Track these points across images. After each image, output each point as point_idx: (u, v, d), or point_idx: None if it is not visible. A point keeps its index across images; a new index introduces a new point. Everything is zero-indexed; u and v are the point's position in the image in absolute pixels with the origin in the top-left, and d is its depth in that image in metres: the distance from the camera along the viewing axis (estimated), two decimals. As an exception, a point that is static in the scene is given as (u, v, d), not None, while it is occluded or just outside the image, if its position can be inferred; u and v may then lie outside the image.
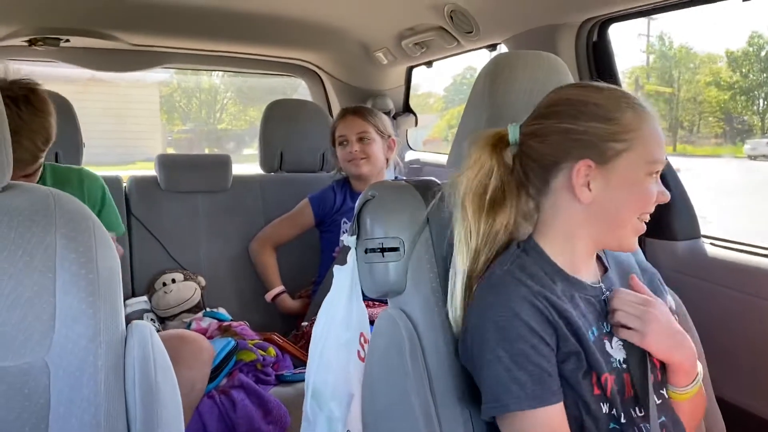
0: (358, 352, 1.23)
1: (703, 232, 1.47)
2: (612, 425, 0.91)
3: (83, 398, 0.87)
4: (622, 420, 0.91)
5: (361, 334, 1.24)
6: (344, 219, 2.07)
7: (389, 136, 2.10)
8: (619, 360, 0.94)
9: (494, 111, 1.10)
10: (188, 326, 1.82)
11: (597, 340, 0.93)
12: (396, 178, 2.15)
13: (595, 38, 1.58)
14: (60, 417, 0.86)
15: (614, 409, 0.90)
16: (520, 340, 0.88)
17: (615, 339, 0.96)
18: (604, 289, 0.98)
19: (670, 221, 1.49)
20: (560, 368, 0.90)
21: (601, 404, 0.91)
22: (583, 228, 0.95)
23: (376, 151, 2.05)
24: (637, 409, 0.93)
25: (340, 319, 1.23)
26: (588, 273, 0.98)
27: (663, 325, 0.93)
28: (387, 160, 2.10)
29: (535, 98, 1.10)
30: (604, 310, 0.97)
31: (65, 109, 1.82)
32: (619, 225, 0.94)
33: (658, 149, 0.93)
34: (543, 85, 1.12)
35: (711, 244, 1.43)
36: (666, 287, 1.07)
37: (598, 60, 1.59)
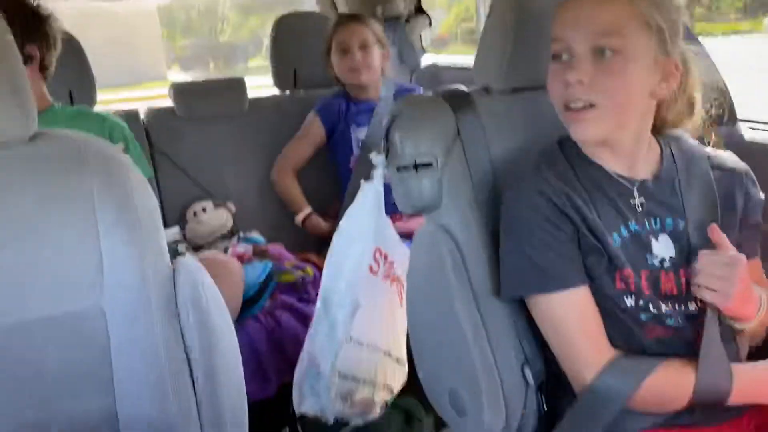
0: (370, 266, 1.25)
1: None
2: (643, 316, 0.93)
3: (141, 338, 0.90)
4: (653, 311, 0.93)
5: (377, 249, 1.26)
6: (352, 126, 2.05)
7: (384, 45, 2.06)
8: (663, 258, 0.95)
9: (522, 7, 1.05)
10: (225, 252, 1.84)
11: (634, 236, 0.94)
12: (397, 87, 2.09)
13: None
14: (122, 357, 0.90)
15: (640, 302, 0.93)
16: (539, 230, 0.92)
17: (664, 237, 0.96)
18: (634, 191, 0.96)
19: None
20: (584, 260, 0.93)
21: (624, 297, 0.93)
22: None
23: (375, 60, 2.01)
24: (678, 305, 0.95)
25: (357, 231, 1.25)
26: (623, 166, 0.97)
27: (744, 286, 0.89)
28: (382, 70, 2.06)
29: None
30: (646, 207, 0.96)
31: (72, 44, 1.77)
32: (559, 116, 0.95)
33: (555, 26, 0.92)
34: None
35: (750, 128, 1.39)
36: (756, 183, 1.03)
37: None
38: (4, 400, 0.87)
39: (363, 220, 1.25)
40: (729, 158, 1.04)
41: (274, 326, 1.54)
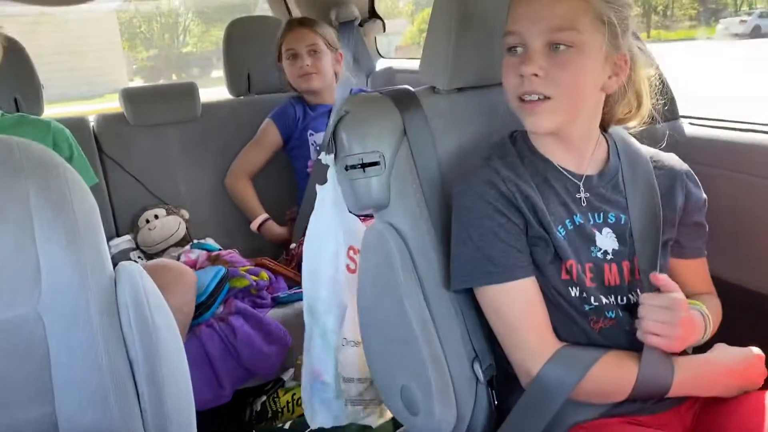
0: (348, 265, 1.24)
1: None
2: (587, 307, 0.96)
3: (81, 344, 0.88)
4: (595, 303, 0.95)
5: (350, 248, 1.25)
6: (309, 131, 2.04)
7: (336, 49, 2.05)
8: (605, 250, 0.97)
9: (464, 10, 1.06)
10: (177, 259, 1.81)
11: (579, 228, 0.97)
12: (351, 91, 2.10)
13: None
14: (61, 365, 0.88)
15: (584, 293, 0.95)
16: (486, 219, 0.94)
17: (608, 230, 0.99)
18: (580, 185, 0.98)
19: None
20: (531, 250, 0.95)
21: (569, 288, 0.95)
22: None
23: (326, 64, 2.01)
24: (620, 297, 0.98)
25: (327, 234, 1.24)
26: (571, 161, 0.99)
27: (687, 328, 0.91)
28: (336, 74, 2.06)
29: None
30: (590, 201, 0.98)
31: (16, 50, 1.73)
32: (512, 108, 0.97)
33: (510, 20, 0.94)
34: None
35: (690, 123, 1.43)
36: (698, 184, 1.06)
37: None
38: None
39: (329, 223, 1.23)
40: (670, 158, 1.07)
41: (228, 332, 1.52)
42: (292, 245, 1.94)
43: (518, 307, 0.94)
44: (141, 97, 2.14)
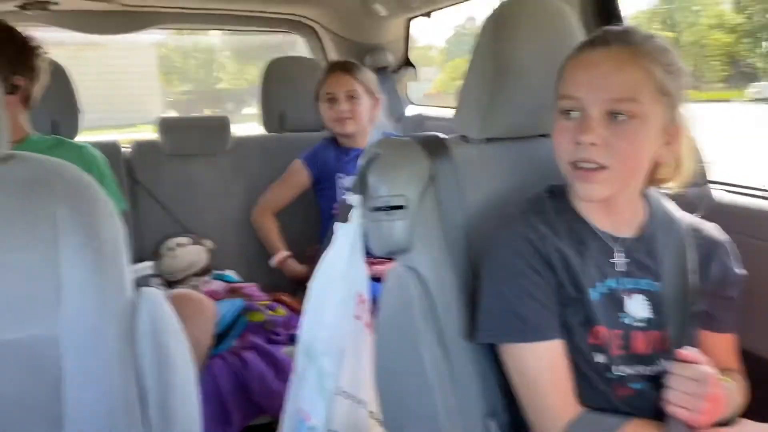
0: (354, 311, 1.22)
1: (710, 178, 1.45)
2: (612, 375, 0.93)
3: (95, 368, 0.87)
4: (617, 372, 0.92)
5: (359, 294, 1.23)
6: (339, 174, 2.05)
7: (375, 95, 2.08)
8: (636, 317, 0.95)
9: (500, 62, 1.07)
10: (197, 289, 1.82)
11: (611, 293, 0.94)
12: (384, 134, 2.12)
13: (601, -17, 1.53)
14: (73, 388, 0.87)
15: (610, 360, 0.92)
16: (521, 276, 0.91)
17: (639, 297, 0.96)
18: (614, 249, 0.96)
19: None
20: (561, 311, 0.93)
21: (596, 353, 0.93)
22: None
23: (362, 110, 2.03)
24: (647, 366, 0.95)
25: (337, 276, 1.22)
26: (610, 224, 0.97)
27: (715, 404, 0.87)
28: (372, 118, 2.08)
29: (542, 47, 1.07)
30: (626, 266, 0.96)
31: (59, 74, 1.78)
32: (562, 170, 0.95)
33: (564, 86, 0.93)
34: (550, 33, 1.09)
35: (720, 189, 1.41)
36: (738, 257, 1.02)
37: (604, 6, 1.54)
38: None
39: (343, 264, 1.22)
40: (710, 228, 1.03)
41: (240, 367, 1.50)
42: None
43: (544, 368, 0.91)
44: (177, 127, 2.19)
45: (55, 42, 1.68)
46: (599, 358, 0.93)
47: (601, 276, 0.95)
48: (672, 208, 1.05)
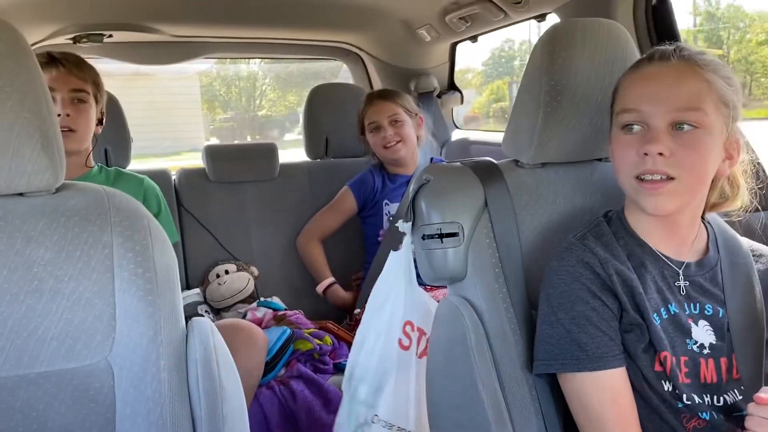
0: (400, 340, 1.20)
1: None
2: (679, 404, 0.89)
3: (148, 398, 0.87)
4: (686, 401, 0.88)
5: (407, 322, 1.21)
6: (386, 201, 2.06)
7: (416, 114, 2.08)
8: (702, 344, 0.91)
9: (554, 85, 1.04)
10: (243, 316, 1.82)
11: (674, 318, 0.91)
12: (432, 159, 2.10)
13: (654, 1, 1.49)
14: (126, 418, 0.86)
15: (677, 388, 0.89)
16: (580, 303, 0.89)
17: (704, 323, 0.93)
18: (680, 273, 0.93)
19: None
20: (623, 337, 0.90)
21: (662, 381, 0.89)
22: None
23: (409, 132, 2.03)
24: (713, 397, 0.90)
25: (386, 303, 1.20)
26: (671, 248, 0.95)
27: None
28: (418, 138, 2.08)
29: (597, 68, 1.04)
30: (688, 290, 0.93)
31: (112, 104, 1.82)
32: (623, 187, 0.93)
33: (625, 100, 0.91)
34: (604, 53, 1.06)
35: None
36: None
37: (659, 24, 1.50)
38: (2, 455, 0.84)
39: (390, 291, 1.19)
40: None
41: (288, 396, 1.48)
42: (356, 311, 1.92)
43: (605, 398, 0.87)
44: (223, 155, 2.21)
45: (107, 72, 1.72)
46: (666, 386, 0.89)
47: (664, 301, 0.92)
48: (733, 233, 1.02)
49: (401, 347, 1.18)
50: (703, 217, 1.00)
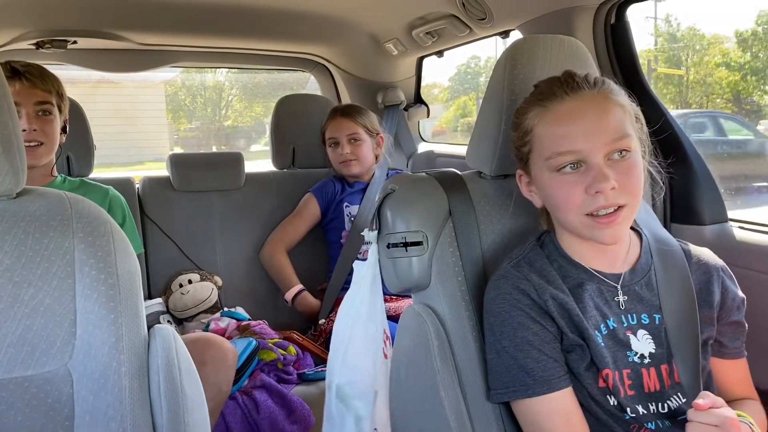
0: (383, 350, 1.20)
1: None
2: (627, 417, 0.91)
3: (108, 406, 0.85)
4: (631, 414, 0.90)
5: (384, 331, 1.21)
6: (345, 203, 2.09)
7: (377, 134, 2.12)
8: (642, 354, 0.93)
9: (515, 99, 1.07)
10: (206, 327, 1.80)
11: (613, 333, 0.93)
12: (388, 174, 2.14)
13: (613, 20, 1.54)
14: (85, 426, 0.85)
15: (622, 401, 0.90)
16: (521, 329, 0.91)
17: (643, 332, 0.94)
18: (618, 288, 0.95)
19: (695, 205, 1.45)
20: (565, 357, 0.92)
21: (607, 396, 0.91)
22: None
23: (365, 151, 2.08)
24: (657, 404, 0.92)
25: (364, 315, 1.20)
26: (605, 263, 0.96)
27: None
28: (376, 157, 2.13)
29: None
30: (625, 303, 0.95)
31: (75, 111, 1.80)
32: (566, 224, 0.94)
33: (554, 143, 0.90)
34: (562, 68, 1.09)
35: (739, 227, 1.39)
36: (734, 280, 1.01)
37: (617, 43, 1.55)
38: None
39: (365, 303, 1.18)
40: (705, 253, 1.03)
41: (251, 407, 1.47)
42: (321, 321, 1.92)
43: (557, 420, 0.89)
44: (188, 163, 2.19)
45: (71, 79, 1.70)
46: (612, 401, 0.91)
47: (603, 317, 0.93)
48: (665, 236, 1.03)
49: (383, 355, 1.19)
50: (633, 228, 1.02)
